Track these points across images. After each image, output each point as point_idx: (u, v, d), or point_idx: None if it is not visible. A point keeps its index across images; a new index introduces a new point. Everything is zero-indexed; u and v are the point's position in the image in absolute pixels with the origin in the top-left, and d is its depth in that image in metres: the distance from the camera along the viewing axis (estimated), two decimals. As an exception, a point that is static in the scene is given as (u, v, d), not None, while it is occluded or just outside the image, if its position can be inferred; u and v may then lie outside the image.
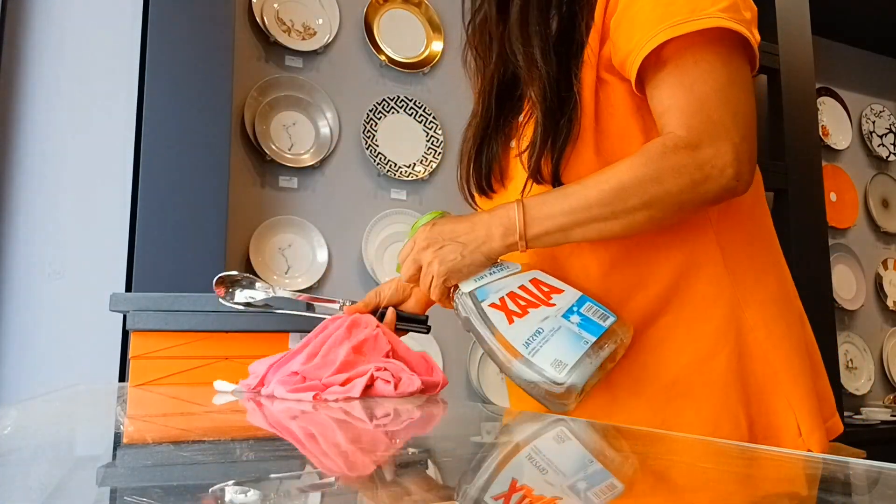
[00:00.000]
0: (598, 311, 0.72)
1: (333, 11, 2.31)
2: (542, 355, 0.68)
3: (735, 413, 0.74)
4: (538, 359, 0.68)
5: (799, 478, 0.37)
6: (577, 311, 0.71)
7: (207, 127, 1.79)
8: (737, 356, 0.75)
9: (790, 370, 0.76)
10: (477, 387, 2.30)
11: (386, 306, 0.96)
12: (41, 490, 0.32)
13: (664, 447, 0.49)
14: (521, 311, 0.72)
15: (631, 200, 0.70)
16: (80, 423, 0.66)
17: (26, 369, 1.64)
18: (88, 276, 1.71)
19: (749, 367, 0.76)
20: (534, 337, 0.70)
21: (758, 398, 0.75)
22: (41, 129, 1.75)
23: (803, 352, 0.79)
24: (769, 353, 0.76)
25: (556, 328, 0.70)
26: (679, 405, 0.76)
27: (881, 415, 2.81)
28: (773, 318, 0.77)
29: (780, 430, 0.75)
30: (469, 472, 0.38)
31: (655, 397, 0.76)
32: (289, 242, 2.14)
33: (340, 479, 0.37)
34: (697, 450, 0.48)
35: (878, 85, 3.44)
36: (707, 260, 0.77)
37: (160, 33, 1.77)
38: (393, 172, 2.31)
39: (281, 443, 0.49)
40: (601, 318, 0.71)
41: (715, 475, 0.39)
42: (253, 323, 1.04)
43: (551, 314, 0.71)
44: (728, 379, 0.75)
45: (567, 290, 0.74)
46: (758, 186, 0.83)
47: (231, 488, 0.32)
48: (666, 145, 0.69)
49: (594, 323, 0.70)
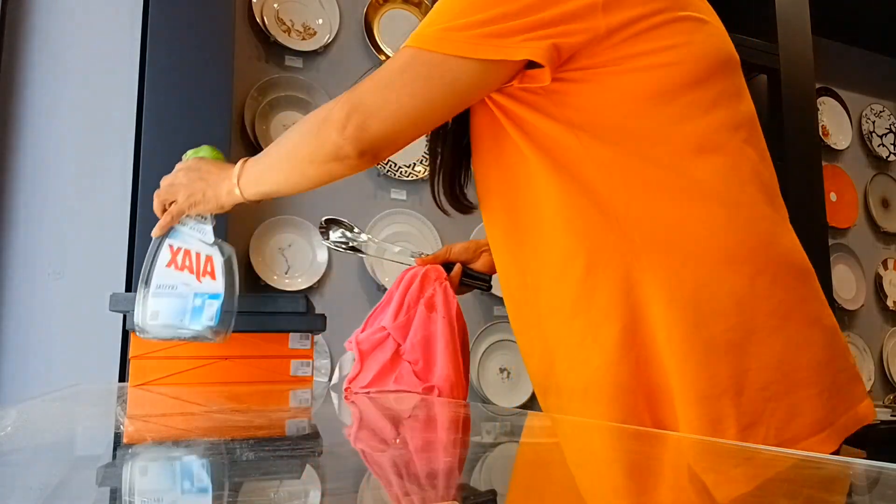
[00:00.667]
0: (212, 314, 0.87)
1: (333, 11, 2.31)
2: (156, 301, 0.86)
3: (641, 418, 0.72)
4: (151, 302, 0.86)
5: (799, 478, 0.37)
6: (204, 300, 0.87)
7: (207, 127, 1.79)
8: (644, 360, 0.72)
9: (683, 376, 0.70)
10: (477, 387, 2.29)
11: (454, 262, 1.05)
12: (41, 490, 0.32)
13: (663, 447, 0.49)
14: (178, 266, 0.89)
15: (297, 152, 0.84)
16: (80, 423, 0.66)
17: (26, 369, 1.64)
18: (88, 276, 1.71)
19: (647, 372, 0.73)
20: (164, 286, 0.86)
21: (658, 403, 0.72)
22: (41, 130, 1.75)
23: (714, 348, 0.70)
24: (665, 361, 0.71)
25: (182, 294, 0.86)
26: (593, 409, 0.74)
27: (881, 415, 2.81)
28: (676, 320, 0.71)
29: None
30: (469, 472, 0.38)
31: (575, 401, 0.76)
32: (289, 242, 2.14)
33: (340, 478, 0.37)
34: (697, 450, 0.48)
35: (878, 85, 3.44)
36: (608, 261, 0.74)
37: (160, 33, 1.77)
38: (393, 172, 2.31)
39: (281, 442, 0.49)
40: (208, 319, 0.87)
41: (712, 475, 0.39)
42: (253, 323, 1.04)
43: (191, 283, 0.87)
44: (632, 385, 0.72)
45: (219, 285, 0.89)
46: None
47: (232, 488, 0.32)
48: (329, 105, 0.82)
49: (201, 318, 0.86)
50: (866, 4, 2.96)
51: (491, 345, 2.35)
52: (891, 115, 3.41)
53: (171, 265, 0.85)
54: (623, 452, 0.49)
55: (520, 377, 2.40)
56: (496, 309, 2.42)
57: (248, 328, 1.02)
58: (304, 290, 2.10)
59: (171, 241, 0.87)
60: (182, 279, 0.85)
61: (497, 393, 2.35)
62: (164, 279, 0.85)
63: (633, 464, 0.43)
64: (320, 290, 2.16)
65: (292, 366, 1.06)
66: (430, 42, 0.72)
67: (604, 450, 0.52)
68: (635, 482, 0.37)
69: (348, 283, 2.21)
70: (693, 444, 0.52)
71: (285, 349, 1.06)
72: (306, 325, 1.07)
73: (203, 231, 0.87)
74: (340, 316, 2.14)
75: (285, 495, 0.31)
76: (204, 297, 0.85)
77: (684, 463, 0.43)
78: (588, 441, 0.55)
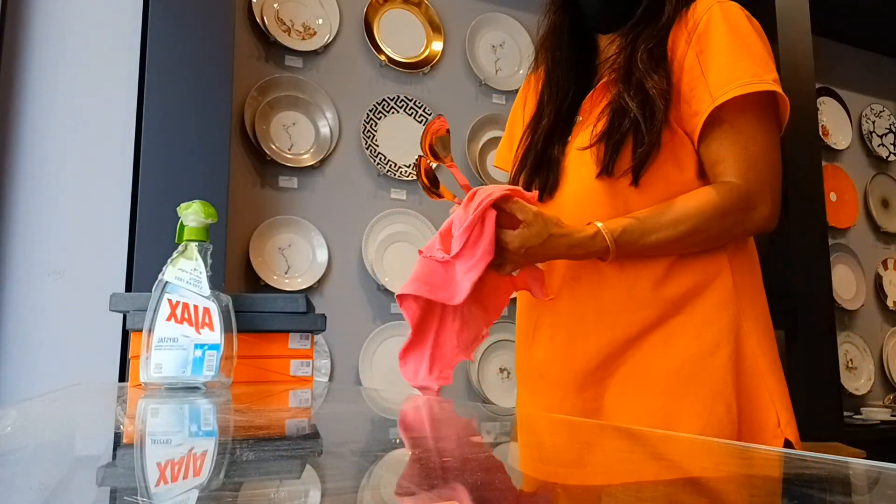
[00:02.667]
0: (212, 364, 0.88)
1: (333, 11, 2.31)
2: (158, 354, 0.87)
3: (728, 399, 0.88)
4: (154, 355, 0.87)
5: (799, 477, 0.37)
6: (204, 351, 0.88)
7: (207, 127, 1.79)
8: (734, 355, 0.90)
9: (774, 373, 0.93)
10: (477, 387, 2.30)
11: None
12: (41, 490, 0.32)
13: (662, 446, 0.49)
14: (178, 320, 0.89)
15: (699, 236, 0.90)
16: (80, 423, 0.66)
17: (26, 369, 1.64)
18: (88, 276, 1.71)
19: (742, 365, 0.91)
20: (165, 339, 0.87)
21: (748, 391, 0.90)
22: (41, 129, 1.75)
23: (779, 363, 0.96)
24: (759, 358, 0.92)
25: (183, 347, 0.87)
26: (682, 388, 0.90)
27: (881, 415, 2.81)
28: (762, 331, 0.94)
29: (763, 420, 0.90)
30: (466, 472, 0.38)
31: (663, 381, 0.91)
32: (289, 242, 2.14)
33: (340, 479, 0.37)
34: (697, 449, 0.48)
35: (878, 85, 3.44)
36: (719, 276, 0.93)
37: (160, 33, 1.77)
38: (393, 172, 2.31)
39: (281, 442, 0.49)
40: (209, 369, 0.88)
41: (713, 474, 0.39)
42: (253, 323, 1.04)
43: (190, 336, 0.88)
44: (726, 370, 0.89)
45: (217, 335, 0.89)
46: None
47: (232, 488, 0.32)
48: (732, 189, 0.89)
49: (202, 369, 0.87)
50: (866, 4, 2.96)
51: (491, 345, 2.35)
52: (891, 115, 3.41)
53: (171, 319, 0.89)
54: (621, 451, 0.49)
55: (520, 377, 2.40)
56: (496, 309, 2.42)
57: (248, 328, 1.02)
58: (304, 290, 2.10)
59: (170, 295, 0.90)
60: (182, 332, 0.89)
61: (497, 393, 2.35)
62: (166, 333, 0.88)
63: (634, 464, 0.43)
64: (320, 290, 2.16)
65: (292, 366, 1.06)
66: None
67: (605, 449, 0.52)
68: (632, 480, 0.37)
69: (348, 283, 2.21)
70: (693, 443, 0.52)
71: (285, 349, 1.06)
72: (306, 325, 1.07)
73: (199, 285, 0.91)
74: (340, 316, 2.14)
75: (285, 495, 0.31)
76: (204, 349, 0.89)
77: (684, 462, 0.43)
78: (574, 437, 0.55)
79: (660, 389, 0.91)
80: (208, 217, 0.96)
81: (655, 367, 0.92)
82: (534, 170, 1.03)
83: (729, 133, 0.90)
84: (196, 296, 0.90)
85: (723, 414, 0.88)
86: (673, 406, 0.90)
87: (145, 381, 0.87)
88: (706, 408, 0.88)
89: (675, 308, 0.92)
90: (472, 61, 2.53)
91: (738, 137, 0.90)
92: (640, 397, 0.92)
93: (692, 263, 0.93)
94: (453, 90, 2.50)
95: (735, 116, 0.90)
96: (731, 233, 0.91)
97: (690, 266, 0.93)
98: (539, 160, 1.03)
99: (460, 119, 2.47)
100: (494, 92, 2.57)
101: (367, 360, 2.18)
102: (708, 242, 0.92)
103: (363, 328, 2.20)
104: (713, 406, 0.88)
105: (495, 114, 2.54)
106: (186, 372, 0.87)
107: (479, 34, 2.58)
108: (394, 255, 2.26)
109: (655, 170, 0.92)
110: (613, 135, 0.92)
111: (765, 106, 0.92)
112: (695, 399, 0.89)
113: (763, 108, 0.92)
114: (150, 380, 0.87)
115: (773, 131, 0.93)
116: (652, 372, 0.92)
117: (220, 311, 0.91)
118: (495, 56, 2.60)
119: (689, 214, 0.89)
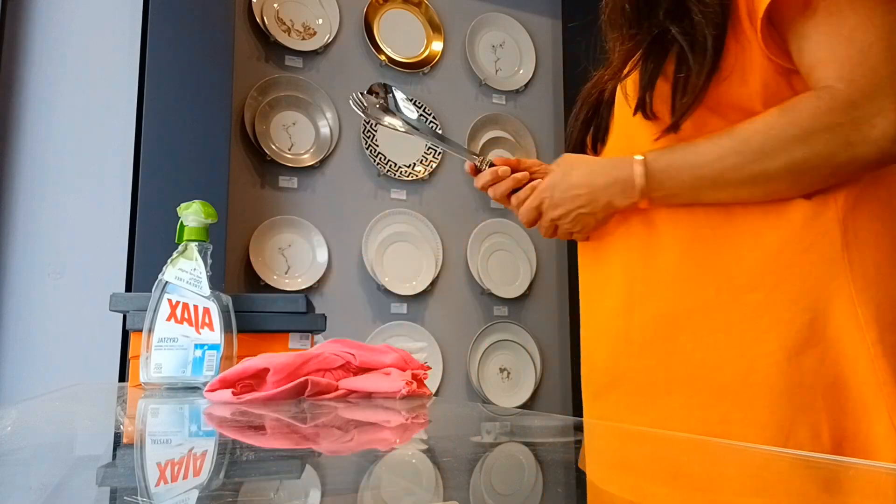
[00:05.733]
0: (212, 364, 0.86)
1: (333, 11, 2.31)
2: (158, 354, 0.85)
3: (815, 420, 0.62)
4: (154, 355, 0.85)
5: (799, 478, 0.37)
6: (204, 351, 0.87)
7: (207, 127, 1.79)
8: (835, 355, 0.63)
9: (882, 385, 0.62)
10: (477, 387, 2.29)
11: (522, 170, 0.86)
12: (41, 490, 0.32)
13: (662, 445, 0.49)
14: (178, 320, 0.88)
15: (774, 163, 0.63)
16: (80, 423, 0.66)
17: (26, 369, 1.64)
18: (88, 276, 1.71)
19: (848, 371, 0.63)
20: (165, 340, 0.86)
21: (853, 409, 0.62)
22: (41, 130, 1.75)
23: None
24: (878, 360, 0.62)
25: (183, 347, 0.87)
26: (746, 400, 0.64)
27: (881, 415, 2.80)
28: (890, 323, 0.63)
29: (876, 450, 0.61)
30: (469, 473, 0.38)
31: (717, 389, 0.65)
32: (289, 242, 2.14)
33: (340, 479, 0.37)
34: (697, 450, 0.48)
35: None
36: (819, 238, 0.64)
37: (160, 33, 1.77)
38: (393, 172, 2.31)
39: (281, 443, 0.49)
40: (209, 369, 0.86)
41: (711, 475, 0.39)
42: (253, 323, 1.04)
43: (190, 336, 0.87)
44: (816, 379, 0.62)
45: (217, 335, 0.87)
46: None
47: (232, 488, 0.32)
48: (821, 98, 0.62)
49: (202, 369, 0.86)
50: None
51: (491, 345, 2.35)
52: (891, 115, 3.40)
53: (171, 319, 0.89)
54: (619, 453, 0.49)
55: (519, 377, 2.40)
56: (496, 309, 2.42)
57: (248, 328, 1.02)
58: (304, 290, 2.10)
59: (170, 295, 0.90)
60: (182, 332, 0.89)
61: (497, 393, 2.34)
62: (166, 333, 0.88)
63: (634, 464, 0.43)
64: (320, 290, 2.16)
65: (292, 366, 1.06)
66: None
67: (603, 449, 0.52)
68: (635, 482, 0.37)
69: (348, 283, 2.21)
70: (692, 443, 0.52)
71: (285, 349, 1.06)
72: (306, 325, 1.07)
73: (199, 285, 0.91)
74: (340, 316, 2.14)
75: (285, 495, 0.31)
76: (203, 349, 0.89)
77: (683, 462, 0.43)
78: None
79: (712, 399, 0.66)
80: (208, 217, 0.96)
81: (709, 364, 0.66)
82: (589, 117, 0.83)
83: (823, 22, 0.63)
84: (196, 296, 0.90)
85: (805, 441, 0.62)
86: (731, 422, 0.64)
87: (145, 381, 0.87)
88: (781, 431, 0.62)
89: (746, 282, 0.65)
90: (472, 61, 2.52)
91: (838, 26, 0.62)
92: (684, 407, 0.67)
93: (774, 214, 0.66)
94: (453, 90, 2.50)
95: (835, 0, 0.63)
96: (832, 162, 0.62)
97: (772, 218, 0.66)
98: (588, 118, 0.83)
99: (460, 119, 2.47)
100: (494, 92, 2.57)
101: (367, 360, 2.18)
102: (796, 180, 0.64)
103: (363, 328, 2.20)
104: (791, 429, 0.62)
105: (495, 114, 2.54)
106: (186, 372, 0.87)
107: (479, 34, 2.58)
108: (394, 255, 2.26)
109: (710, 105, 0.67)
110: (647, 64, 0.69)
111: None
112: (769, 417, 0.63)
113: None
114: (150, 380, 0.87)
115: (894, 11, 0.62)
116: (706, 371, 0.66)
117: (220, 311, 0.91)
118: (495, 56, 2.60)
119: (755, 135, 0.64)
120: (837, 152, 0.62)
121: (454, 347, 2.31)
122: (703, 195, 0.67)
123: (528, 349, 2.39)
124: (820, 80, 0.63)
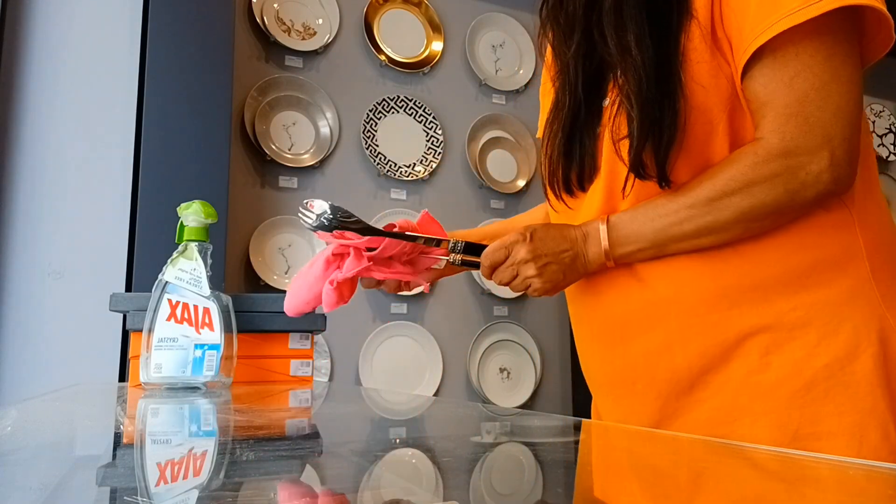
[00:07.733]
0: (212, 364, 0.88)
1: (333, 11, 2.31)
2: (158, 354, 0.87)
3: (883, 419, 0.64)
4: (154, 355, 0.87)
5: (799, 478, 0.37)
6: (204, 351, 0.88)
7: (207, 127, 1.79)
8: (882, 358, 0.66)
9: None
10: (477, 387, 2.29)
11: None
12: (41, 490, 0.32)
13: (663, 445, 0.49)
14: (178, 320, 0.89)
15: (723, 214, 0.68)
16: (80, 423, 0.66)
17: (26, 369, 1.64)
18: (88, 276, 1.71)
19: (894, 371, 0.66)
20: (165, 339, 0.87)
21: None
22: (41, 130, 1.75)
23: None
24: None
25: (183, 346, 0.88)
26: (815, 412, 0.66)
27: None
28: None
29: None
30: (469, 473, 0.38)
31: (785, 404, 0.67)
32: (289, 242, 2.14)
33: (340, 478, 0.37)
34: (697, 450, 0.48)
35: (878, 85, 3.44)
36: (847, 255, 0.69)
37: (160, 33, 1.77)
38: (393, 172, 2.31)
39: (281, 443, 0.49)
40: (209, 369, 0.88)
41: (711, 475, 0.39)
42: (253, 323, 1.04)
43: (191, 336, 0.88)
44: (873, 381, 0.65)
45: (217, 335, 0.89)
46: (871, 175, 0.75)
47: (232, 488, 0.32)
48: (757, 153, 0.66)
49: (202, 369, 0.88)
50: (866, 4, 2.95)
51: (491, 345, 2.35)
52: (891, 115, 3.41)
53: (171, 319, 0.89)
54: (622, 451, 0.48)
55: (519, 377, 2.40)
56: (496, 309, 2.42)
57: (248, 328, 1.02)
58: (304, 290, 2.09)
59: (170, 295, 0.90)
60: (182, 332, 0.89)
61: (497, 393, 2.34)
62: (166, 333, 0.88)
63: (632, 464, 0.43)
64: (320, 290, 2.16)
65: (292, 366, 1.06)
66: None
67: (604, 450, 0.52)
68: (635, 482, 0.37)
69: (348, 283, 2.21)
70: (693, 444, 0.52)
71: (285, 349, 1.06)
72: (306, 325, 1.07)
73: (199, 285, 0.90)
74: (340, 316, 2.14)
75: (284, 495, 0.31)
76: (203, 349, 0.89)
77: (683, 462, 0.43)
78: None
79: (782, 416, 0.67)
80: (208, 217, 0.96)
81: (772, 386, 0.67)
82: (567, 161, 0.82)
83: (768, 66, 0.66)
84: (196, 296, 0.90)
85: (878, 442, 0.64)
86: (806, 436, 0.65)
87: (145, 381, 0.87)
88: (853, 437, 0.64)
89: (784, 304, 0.68)
90: (472, 61, 2.52)
91: (781, 72, 0.66)
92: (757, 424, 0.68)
93: (803, 237, 0.69)
94: (453, 90, 2.50)
95: (782, 45, 0.65)
96: (776, 208, 0.66)
97: (801, 241, 0.69)
98: (568, 149, 0.81)
99: (460, 119, 2.47)
100: (494, 92, 2.57)
101: (367, 360, 2.18)
102: (747, 227, 0.68)
103: (363, 328, 2.20)
104: (863, 432, 0.64)
105: (495, 114, 2.54)
106: (186, 372, 0.87)
107: (479, 34, 2.58)
108: (394, 255, 2.25)
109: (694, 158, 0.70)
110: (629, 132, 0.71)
111: (833, 28, 0.66)
112: (836, 425, 0.65)
113: (830, 30, 0.66)
114: (150, 380, 0.87)
115: (838, 57, 0.66)
116: (768, 393, 0.68)
117: (220, 311, 0.91)
118: (495, 56, 2.60)
119: (702, 190, 0.68)
120: (779, 199, 0.66)
121: (454, 347, 2.31)
122: (666, 248, 0.71)
123: (528, 349, 2.39)
124: (758, 127, 0.68)
